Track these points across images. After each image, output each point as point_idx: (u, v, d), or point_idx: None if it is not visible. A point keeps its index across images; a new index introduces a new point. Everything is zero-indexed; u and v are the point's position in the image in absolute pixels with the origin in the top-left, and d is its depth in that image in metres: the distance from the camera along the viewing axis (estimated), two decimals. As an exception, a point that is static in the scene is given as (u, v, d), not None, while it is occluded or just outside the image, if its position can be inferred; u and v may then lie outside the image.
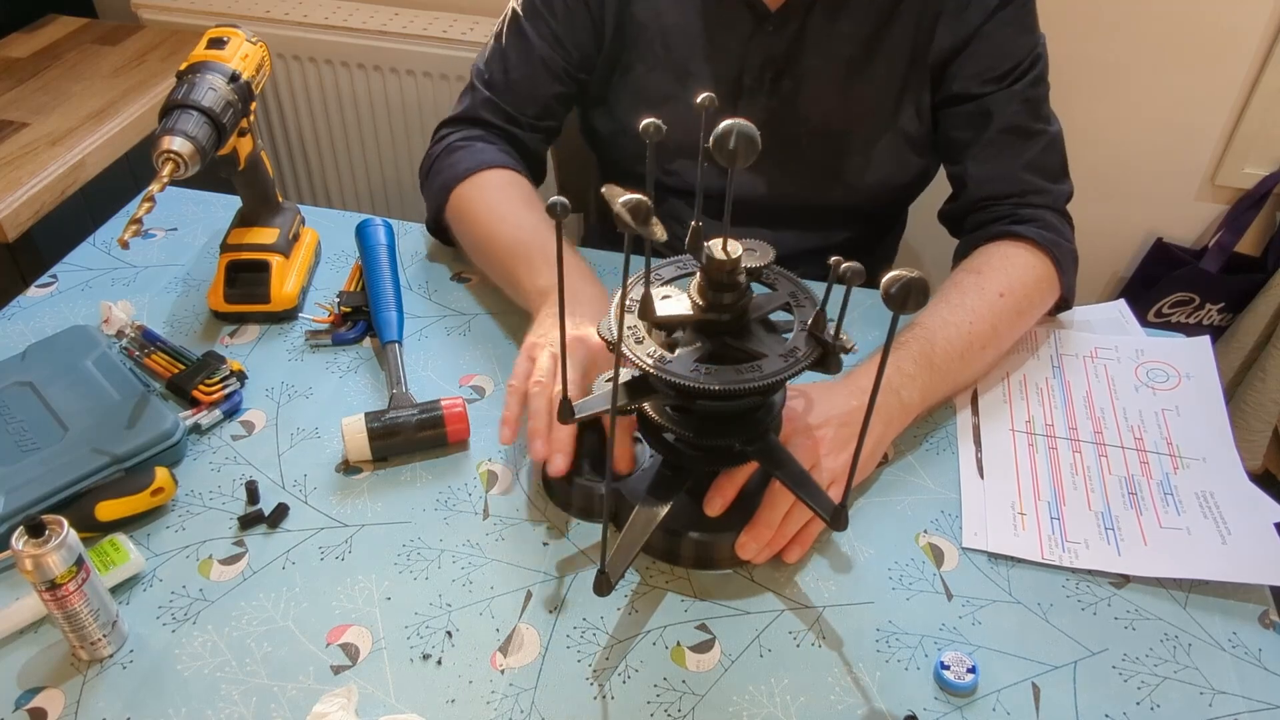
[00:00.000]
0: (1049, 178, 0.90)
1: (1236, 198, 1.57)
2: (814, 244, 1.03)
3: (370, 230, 0.95)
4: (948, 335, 0.77)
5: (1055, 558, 0.69)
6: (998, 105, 0.88)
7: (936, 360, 0.76)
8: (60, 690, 0.60)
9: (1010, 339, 0.84)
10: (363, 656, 0.63)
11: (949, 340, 0.77)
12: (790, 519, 0.67)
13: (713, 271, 0.56)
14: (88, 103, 1.48)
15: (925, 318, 0.79)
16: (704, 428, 0.62)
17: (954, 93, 0.90)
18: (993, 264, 0.84)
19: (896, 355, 0.75)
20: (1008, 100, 0.88)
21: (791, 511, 0.66)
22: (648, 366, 0.56)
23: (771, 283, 0.63)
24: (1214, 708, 0.60)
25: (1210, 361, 0.84)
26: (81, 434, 0.73)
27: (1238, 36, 1.42)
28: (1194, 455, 0.76)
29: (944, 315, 0.79)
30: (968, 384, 0.83)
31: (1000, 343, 0.82)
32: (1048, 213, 0.88)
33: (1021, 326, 0.85)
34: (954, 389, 0.81)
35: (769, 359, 0.57)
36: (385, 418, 0.75)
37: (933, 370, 0.76)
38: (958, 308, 0.80)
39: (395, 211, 1.84)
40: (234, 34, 0.84)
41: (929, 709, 0.60)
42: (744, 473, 0.68)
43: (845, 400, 0.73)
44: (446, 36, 1.58)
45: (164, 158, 0.73)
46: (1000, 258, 0.85)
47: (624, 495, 0.68)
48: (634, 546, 0.63)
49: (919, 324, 0.79)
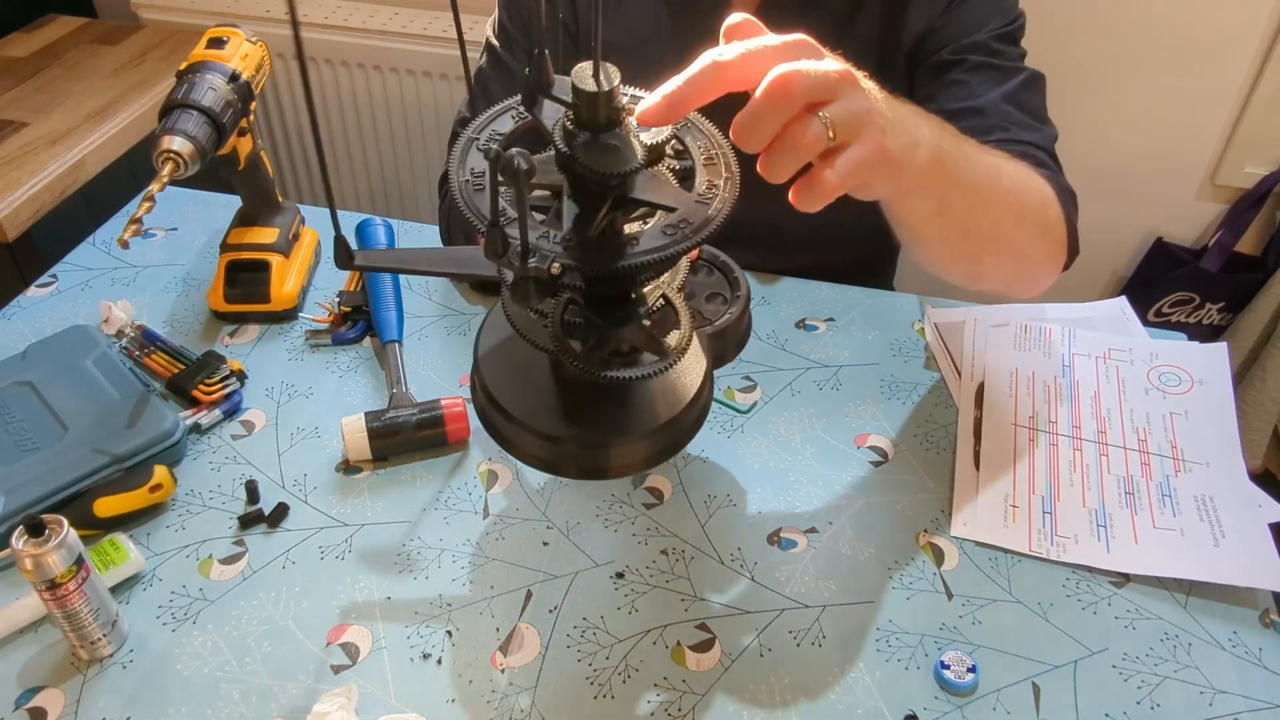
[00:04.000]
0: (1032, 115, 0.82)
1: (1236, 197, 1.57)
2: (803, 264, 0.97)
3: (370, 230, 0.95)
4: (976, 146, 0.66)
5: (1043, 550, 0.69)
6: (965, 50, 0.83)
7: (964, 140, 0.64)
8: (60, 690, 0.60)
9: (1009, 210, 0.70)
10: (363, 656, 0.63)
11: (978, 146, 0.66)
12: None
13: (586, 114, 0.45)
14: (88, 102, 1.48)
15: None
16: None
17: (924, 67, 0.85)
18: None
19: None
20: (974, 48, 0.83)
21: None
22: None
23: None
24: (1214, 707, 0.60)
25: (1225, 368, 0.83)
26: (81, 434, 0.73)
27: (1238, 36, 1.42)
28: (1198, 459, 0.76)
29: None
30: (974, 205, 0.65)
31: (1004, 195, 0.68)
32: (1036, 150, 0.79)
33: (1019, 208, 0.71)
34: (963, 183, 0.63)
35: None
36: (385, 417, 0.75)
37: (959, 139, 0.63)
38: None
39: (395, 211, 1.84)
40: (234, 34, 0.84)
41: (929, 708, 0.60)
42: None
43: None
44: (447, 36, 1.58)
45: (164, 157, 0.74)
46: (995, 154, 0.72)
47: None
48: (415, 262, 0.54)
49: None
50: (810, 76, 0.47)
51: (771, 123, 0.47)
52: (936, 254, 0.70)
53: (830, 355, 0.86)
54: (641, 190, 0.47)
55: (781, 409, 0.81)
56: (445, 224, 0.95)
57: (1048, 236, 0.76)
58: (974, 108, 0.81)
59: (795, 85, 0.47)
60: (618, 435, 0.55)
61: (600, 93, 0.44)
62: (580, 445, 0.55)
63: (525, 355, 0.56)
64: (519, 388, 0.56)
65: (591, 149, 0.45)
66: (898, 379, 0.84)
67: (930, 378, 0.85)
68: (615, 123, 0.46)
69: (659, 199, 0.47)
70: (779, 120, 0.47)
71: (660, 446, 0.56)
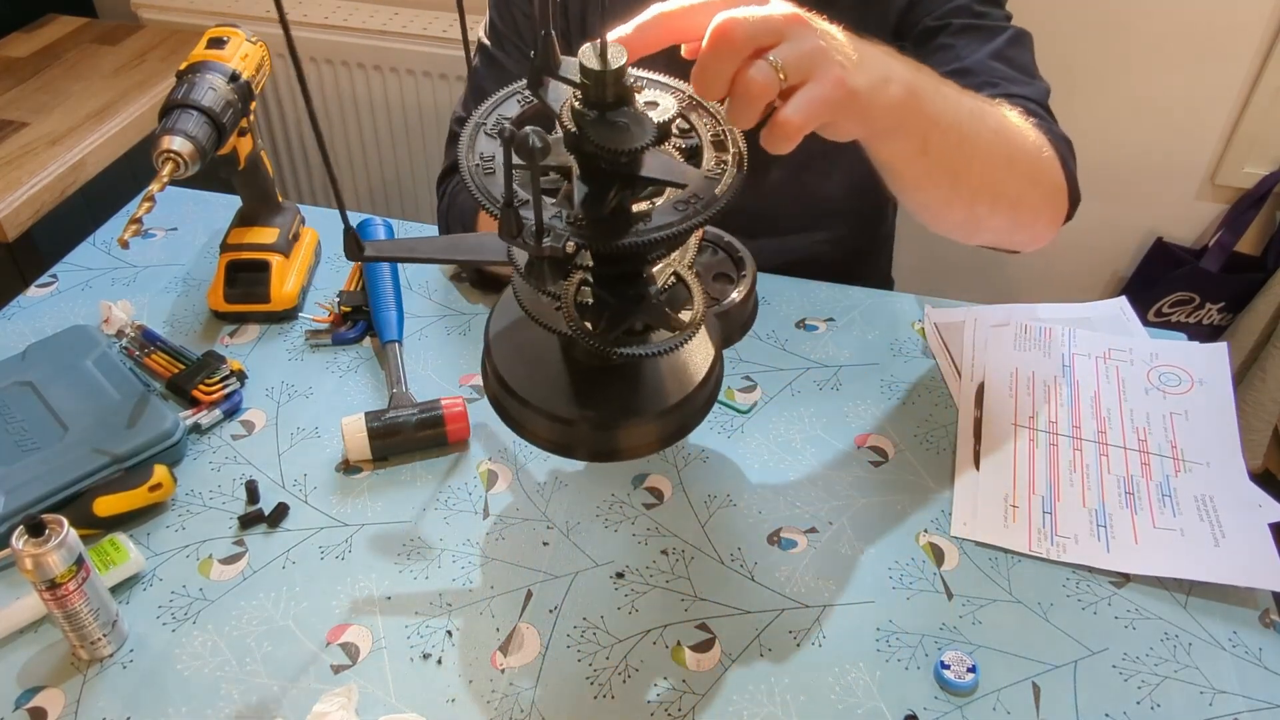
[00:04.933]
0: (1021, 71, 0.81)
1: (1236, 197, 1.57)
2: (797, 253, 0.98)
3: (370, 230, 0.95)
4: (956, 88, 0.65)
5: (1043, 550, 0.69)
6: (949, 15, 0.82)
7: (943, 81, 0.64)
8: (60, 690, 0.60)
9: (998, 152, 0.68)
10: (363, 656, 0.63)
11: (959, 89, 0.65)
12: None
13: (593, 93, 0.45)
14: (88, 102, 1.48)
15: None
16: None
17: (910, 38, 0.85)
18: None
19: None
20: (958, 11, 0.82)
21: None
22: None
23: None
24: (1214, 707, 0.60)
25: (1225, 368, 0.83)
26: (81, 434, 0.73)
27: (1238, 36, 1.42)
28: (1198, 459, 0.76)
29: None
30: (959, 145, 0.64)
31: (990, 136, 0.67)
32: (1029, 104, 0.78)
33: (1008, 151, 0.69)
34: (942, 121, 0.62)
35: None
36: (385, 417, 0.75)
37: (938, 80, 0.63)
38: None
39: (395, 211, 1.84)
40: (234, 34, 0.84)
41: (929, 708, 0.60)
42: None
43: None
44: (446, 36, 1.58)
45: (164, 157, 0.73)
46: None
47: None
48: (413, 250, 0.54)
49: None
50: (750, 22, 0.48)
51: (722, 70, 0.48)
52: (929, 200, 0.69)
53: (830, 355, 0.86)
54: (650, 168, 0.47)
55: (781, 409, 0.81)
56: (444, 224, 0.95)
57: (1043, 181, 0.75)
58: (962, 68, 0.80)
59: (736, 31, 0.48)
60: (629, 416, 0.55)
61: (608, 70, 0.44)
62: (593, 427, 0.55)
63: (537, 339, 0.57)
64: (531, 372, 0.56)
65: (600, 127, 0.45)
66: (898, 379, 0.84)
67: (930, 378, 0.85)
68: (624, 100, 0.46)
69: (668, 175, 0.48)
70: (728, 67, 0.48)
71: (672, 428, 0.56)
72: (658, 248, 0.47)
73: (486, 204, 0.46)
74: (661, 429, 0.56)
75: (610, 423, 0.55)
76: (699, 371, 0.56)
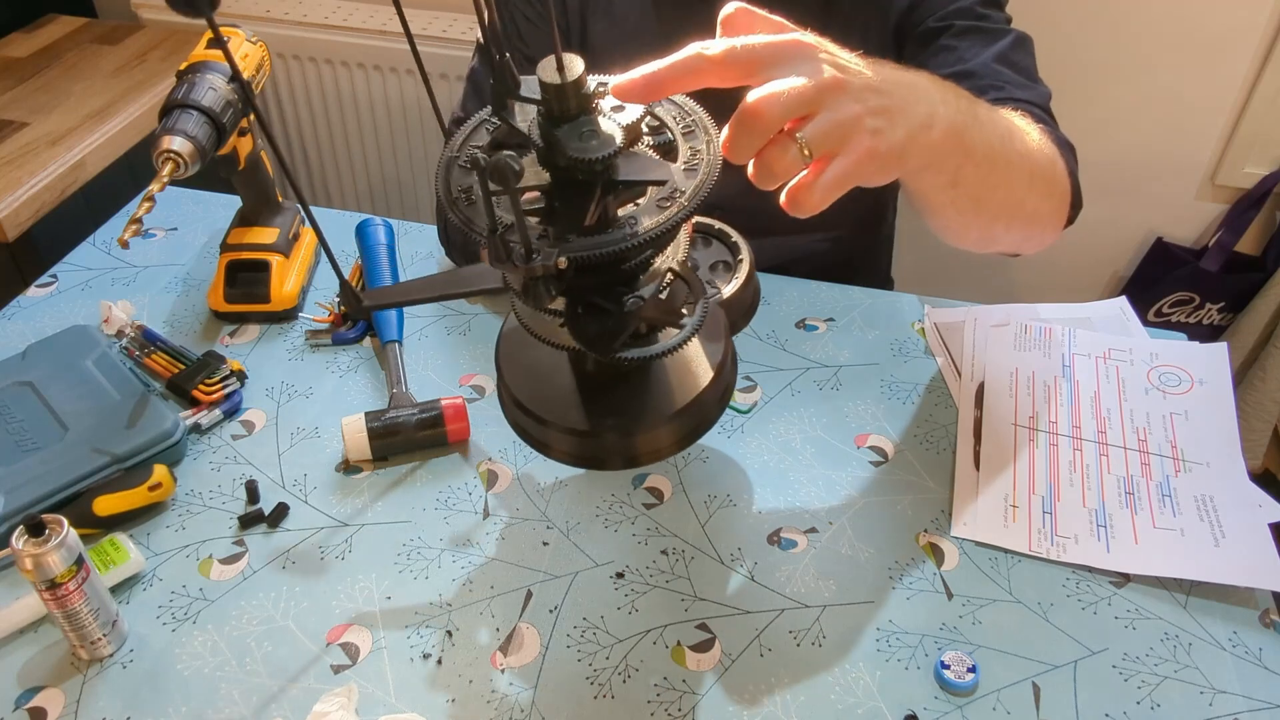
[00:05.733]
0: (1024, 74, 0.81)
1: (1236, 197, 1.56)
2: (797, 253, 0.98)
3: (370, 230, 0.95)
4: (989, 109, 0.65)
5: (1043, 550, 0.69)
6: (951, 16, 0.82)
7: (977, 103, 0.63)
8: (60, 690, 0.60)
9: (1021, 173, 0.68)
10: (363, 656, 0.63)
11: (991, 109, 0.65)
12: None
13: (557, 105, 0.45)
14: (88, 102, 1.48)
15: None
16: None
17: (912, 39, 0.85)
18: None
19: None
20: (960, 13, 0.83)
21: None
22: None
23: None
24: (1214, 707, 0.60)
25: (1225, 369, 0.83)
26: (81, 434, 0.73)
27: (1238, 36, 1.42)
28: (1198, 459, 0.76)
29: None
30: (989, 174, 0.63)
31: (1017, 159, 0.66)
32: (1033, 108, 0.78)
33: (1030, 170, 0.68)
34: (976, 153, 0.61)
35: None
36: (385, 417, 0.75)
37: (973, 104, 0.62)
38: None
39: (395, 211, 1.84)
40: (234, 33, 0.84)
41: (929, 708, 0.60)
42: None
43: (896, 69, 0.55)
44: (446, 36, 1.58)
45: (164, 157, 0.74)
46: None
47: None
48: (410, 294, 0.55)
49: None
50: (782, 101, 0.47)
51: (750, 146, 0.48)
52: (949, 223, 0.69)
53: (830, 355, 0.86)
54: (627, 171, 0.47)
55: (781, 409, 0.81)
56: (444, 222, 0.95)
57: (1055, 193, 0.75)
58: (965, 71, 0.80)
59: (766, 112, 0.47)
60: (648, 421, 0.55)
61: (566, 82, 0.44)
62: (617, 435, 0.55)
63: (546, 358, 0.57)
64: (545, 391, 0.56)
65: (570, 138, 0.45)
66: (898, 379, 0.84)
67: (930, 378, 0.85)
68: (587, 110, 0.46)
69: (646, 175, 0.48)
70: (756, 143, 0.48)
71: (690, 426, 0.56)
72: (649, 248, 0.47)
73: (472, 234, 0.46)
74: (680, 428, 0.56)
75: (631, 429, 0.55)
76: (713, 363, 0.56)
